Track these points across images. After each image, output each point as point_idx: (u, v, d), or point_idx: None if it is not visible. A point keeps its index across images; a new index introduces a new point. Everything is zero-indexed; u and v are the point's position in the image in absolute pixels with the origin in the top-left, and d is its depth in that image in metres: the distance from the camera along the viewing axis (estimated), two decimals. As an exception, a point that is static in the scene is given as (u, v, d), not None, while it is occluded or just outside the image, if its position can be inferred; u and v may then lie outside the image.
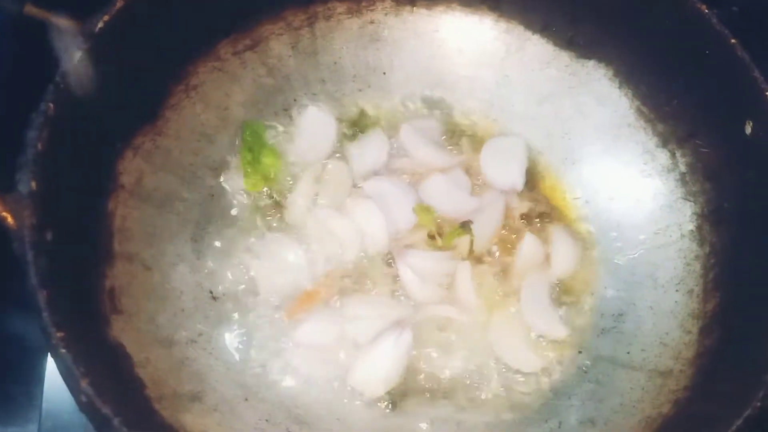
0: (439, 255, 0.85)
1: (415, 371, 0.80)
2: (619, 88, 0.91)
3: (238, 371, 0.78)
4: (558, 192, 0.93)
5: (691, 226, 0.85)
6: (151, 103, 0.81)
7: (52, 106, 0.65)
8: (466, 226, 0.85)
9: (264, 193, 0.88)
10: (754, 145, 0.78)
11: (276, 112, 0.92)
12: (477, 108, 0.96)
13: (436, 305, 0.83)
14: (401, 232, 0.87)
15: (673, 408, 0.74)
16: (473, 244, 0.85)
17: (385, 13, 0.94)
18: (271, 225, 0.86)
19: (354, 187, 0.89)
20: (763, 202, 0.78)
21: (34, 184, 0.62)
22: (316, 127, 0.92)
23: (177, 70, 0.83)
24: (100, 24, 0.70)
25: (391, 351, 0.79)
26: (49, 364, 0.82)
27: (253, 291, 0.82)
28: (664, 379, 0.77)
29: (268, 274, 0.83)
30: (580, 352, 0.83)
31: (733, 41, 0.78)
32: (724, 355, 0.75)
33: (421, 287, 0.83)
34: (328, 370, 0.79)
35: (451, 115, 0.96)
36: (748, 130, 0.78)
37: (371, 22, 0.94)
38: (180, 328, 0.77)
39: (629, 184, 0.90)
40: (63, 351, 0.58)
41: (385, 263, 0.85)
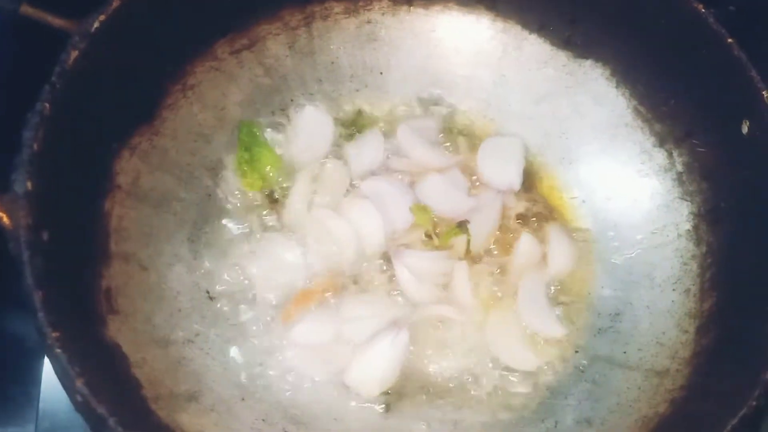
0: (436, 255, 0.85)
1: (411, 371, 0.80)
2: (616, 88, 0.91)
3: (234, 371, 0.78)
4: (555, 192, 0.93)
5: (688, 226, 0.85)
6: (147, 102, 0.81)
7: (47, 106, 0.65)
8: (463, 225, 0.85)
9: (261, 193, 0.88)
10: (751, 144, 0.77)
11: (273, 112, 0.92)
12: (474, 108, 0.96)
13: (433, 305, 0.83)
14: (398, 232, 0.86)
15: (670, 407, 0.74)
16: (470, 244, 0.85)
17: (382, 13, 0.94)
18: (268, 225, 0.86)
19: (351, 187, 0.89)
20: (759, 202, 0.78)
21: (29, 184, 0.62)
22: (313, 127, 0.91)
23: (174, 70, 0.83)
24: (96, 24, 0.70)
25: (388, 351, 0.79)
26: (47, 364, 0.81)
27: (249, 291, 0.82)
28: (660, 379, 0.77)
29: (264, 273, 0.82)
30: (576, 352, 0.83)
31: (729, 41, 0.78)
32: (720, 355, 0.75)
33: (418, 287, 0.83)
34: (325, 370, 0.79)
35: (449, 115, 0.96)
36: (745, 129, 0.78)
37: (368, 22, 0.94)
38: (176, 328, 0.77)
39: (626, 184, 0.90)
40: (58, 351, 0.58)
41: (382, 263, 0.85)
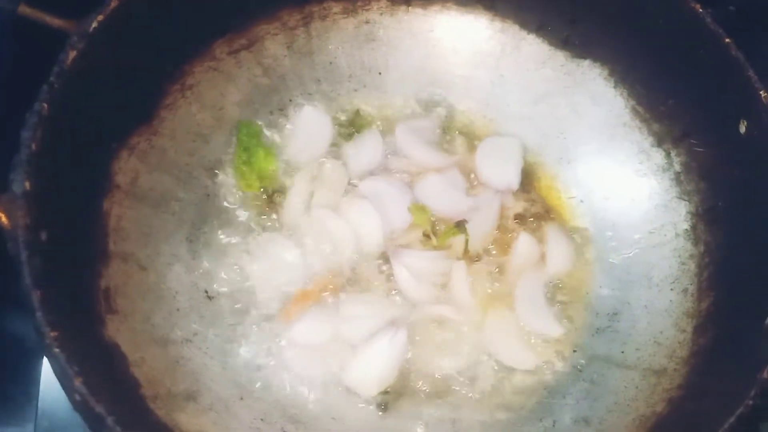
0: (435, 254, 0.85)
1: (409, 370, 0.80)
2: (615, 88, 0.91)
3: (233, 370, 0.78)
4: (553, 191, 0.93)
5: (685, 225, 0.85)
6: (146, 102, 0.81)
7: (46, 106, 0.65)
8: (461, 225, 0.85)
9: (259, 193, 0.88)
10: (749, 144, 0.78)
11: (272, 112, 0.92)
12: (472, 108, 0.96)
13: (432, 305, 0.83)
14: (397, 232, 0.87)
15: (667, 406, 0.74)
16: (468, 244, 0.85)
17: (381, 13, 0.94)
18: (267, 225, 0.86)
19: (349, 187, 0.89)
20: (757, 201, 0.78)
21: (28, 184, 0.62)
22: (311, 127, 0.92)
23: (172, 70, 0.83)
24: (95, 24, 0.70)
25: (386, 350, 0.79)
26: (46, 364, 0.82)
27: (248, 290, 0.82)
28: (658, 378, 0.77)
29: (263, 273, 0.83)
30: (574, 351, 0.83)
31: (727, 41, 0.78)
32: (718, 354, 0.75)
33: (417, 287, 0.83)
34: (323, 370, 0.79)
35: (447, 115, 0.96)
36: (743, 129, 0.78)
37: (366, 22, 0.94)
38: (175, 327, 0.77)
39: (624, 184, 0.90)
40: (57, 350, 0.58)
41: (380, 263, 0.85)
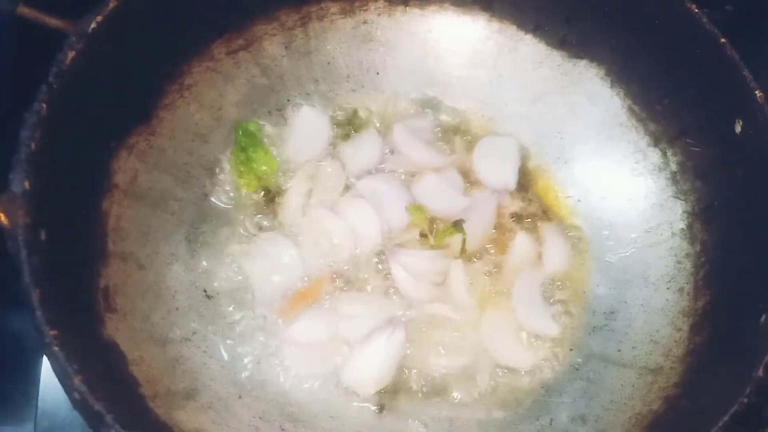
0: (432, 254, 0.86)
1: (407, 369, 0.81)
2: (611, 88, 0.91)
3: (231, 369, 0.78)
4: (550, 191, 0.93)
5: (682, 225, 0.86)
6: (145, 102, 0.81)
7: (45, 106, 0.65)
8: (458, 224, 0.85)
9: (258, 193, 0.88)
10: (744, 143, 0.78)
11: (270, 112, 0.92)
12: (470, 108, 0.97)
13: (429, 304, 0.83)
14: (394, 231, 0.87)
15: (663, 405, 0.74)
16: (466, 243, 0.86)
17: (378, 14, 0.94)
18: (265, 224, 0.87)
19: (347, 187, 0.89)
20: (752, 200, 0.78)
21: (27, 184, 0.62)
22: (309, 127, 0.92)
23: (171, 70, 0.83)
24: (93, 24, 0.70)
25: (384, 349, 0.79)
26: (45, 363, 0.82)
27: (246, 290, 0.83)
28: (654, 376, 0.77)
29: (261, 272, 0.83)
30: (571, 350, 0.84)
31: (722, 41, 0.78)
32: (713, 352, 0.75)
33: (414, 286, 0.83)
34: (321, 369, 0.80)
35: (444, 115, 0.96)
36: (738, 128, 0.78)
37: (364, 23, 0.94)
38: (174, 326, 0.77)
39: (621, 183, 0.91)
40: (56, 349, 0.59)
41: (378, 262, 0.85)
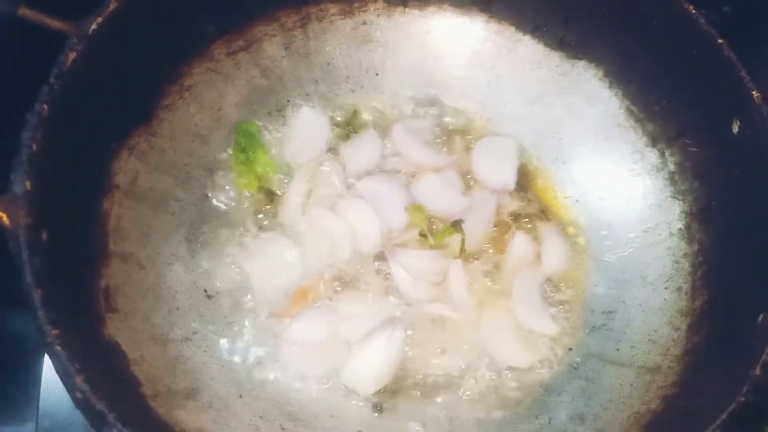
0: (432, 254, 0.86)
1: (407, 369, 0.81)
2: (609, 88, 0.92)
3: (232, 369, 0.79)
4: (549, 191, 0.94)
5: (680, 225, 0.86)
6: (145, 103, 0.81)
7: (46, 107, 0.65)
8: (457, 225, 0.85)
9: (258, 193, 0.88)
10: (742, 143, 0.78)
11: (269, 113, 0.93)
12: (469, 108, 0.97)
13: (429, 303, 0.84)
14: (394, 231, 0.87)
15: (662, 404, 0.75)
16: (465, 243, 0.86)
17: (378, 15, 0.95)
18: (265, 224, 0.87)
19: (347, 187, 0.90)
20: (750, 200, 0.79)
21: (28, 185, 0.63)
22: (309, 128, 0.92)
23: (171, 71, 0.84)
24: (94, 26, 0.70)
25: (383, 349, 0.79)
26: (47, 363, 0.82)
27: (246, 289, 0.83)
28: (652, 376, 0.78)
29: (261, 273, 0.83)
30: (570, 349, 0.84)
31: (720, 41, 0.79)
32: (711, 352, 0.76)
33: (414, 286, 0.84)
34: (321, 368, 0.80)
35: (444, 116, 0.97)
36: (736, 129, 0.79)
37: (363, 23, 0.94)
38: (175, 326, 0.78)
39: (619, 184, 0.91)
40: (58, 348, 0.59)
41: (377, 262, 0.86)
